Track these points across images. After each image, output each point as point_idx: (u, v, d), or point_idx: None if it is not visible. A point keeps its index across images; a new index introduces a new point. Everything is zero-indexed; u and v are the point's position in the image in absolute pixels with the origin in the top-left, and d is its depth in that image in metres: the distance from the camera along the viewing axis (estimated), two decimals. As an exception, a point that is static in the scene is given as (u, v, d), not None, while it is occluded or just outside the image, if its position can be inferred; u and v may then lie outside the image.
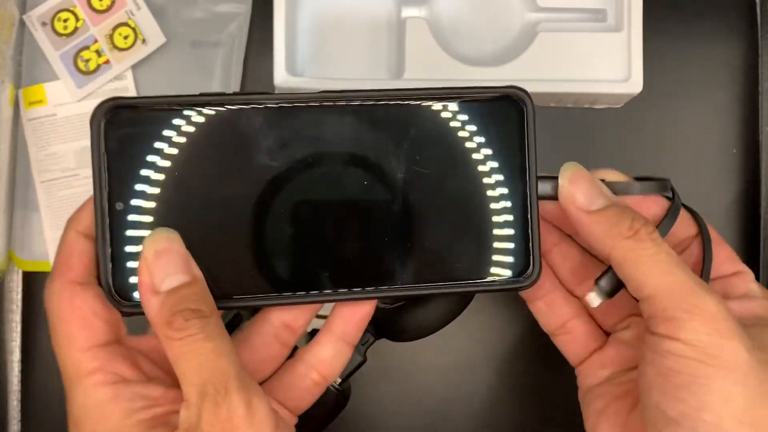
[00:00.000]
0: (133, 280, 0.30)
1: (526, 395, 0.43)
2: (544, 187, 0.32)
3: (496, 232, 0.32)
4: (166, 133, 0.30)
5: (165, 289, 0.29)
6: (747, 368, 0.29)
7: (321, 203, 0.32)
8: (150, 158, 0.30)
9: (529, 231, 0.32)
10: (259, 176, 0.31)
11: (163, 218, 0.30)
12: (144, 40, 0.48)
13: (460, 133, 0.32)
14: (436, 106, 0.31)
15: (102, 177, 0.30)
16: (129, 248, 0.30)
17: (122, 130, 0.30)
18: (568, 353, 0.37)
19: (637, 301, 0.31)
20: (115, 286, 0.30)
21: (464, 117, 0.32)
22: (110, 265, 0.30)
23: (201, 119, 0.30)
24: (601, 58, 0.45)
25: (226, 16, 0.48)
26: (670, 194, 0.35)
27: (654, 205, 0.34)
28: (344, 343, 0.33)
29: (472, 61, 0.45)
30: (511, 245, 0.32)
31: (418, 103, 0.31)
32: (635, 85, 0.45)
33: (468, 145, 0.32)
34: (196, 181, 0.31)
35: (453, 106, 0.32)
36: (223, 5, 0.48)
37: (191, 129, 0.30)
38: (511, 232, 0.32)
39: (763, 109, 0.50)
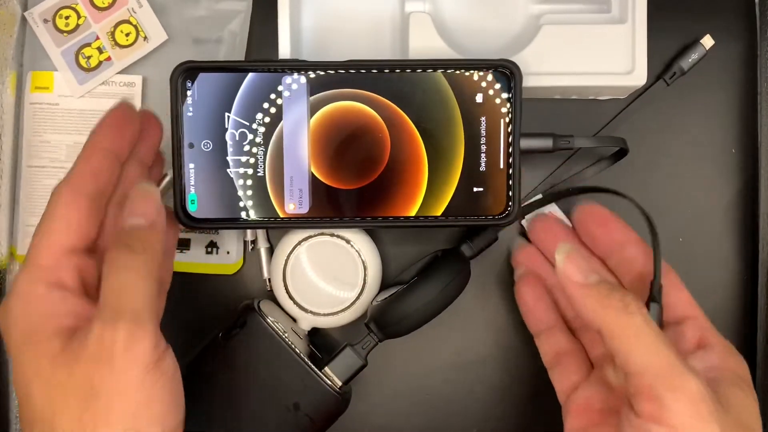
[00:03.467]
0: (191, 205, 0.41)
1: (528, 395, 0.43)
2: (531, 143, 0.41)
3: (485, 177, 0.41)
4: (226, 88, 0.41)
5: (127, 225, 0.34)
6: None
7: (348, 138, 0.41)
8: (213, 106, 0.41)
9: (512, 177, 0.40)
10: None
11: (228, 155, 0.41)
12: (146, 38, 0.48)
13: (465, 93, 0.41)
14: (448, 72, 0.41)
15: (180, 122, 0.41)
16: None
17: (195, 86, 0.41)
18: (557, 385, 0.41)
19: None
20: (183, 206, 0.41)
21: (469, 80, 0.42)
22: (183, 191, 0.40)
23: (250, 77, 0.41)
24: (605, 50, 0.45)
25: (227, 14, 0.48)
26: (623, 147, 0.43)
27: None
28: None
29: (476, 55, 0.45)
30: (496, 189, 0.41)
31: (432, 70, 0.41)
32: (639, 77, 0.45)
33: (469, 103, 0.41)
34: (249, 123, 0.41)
35: (460, 72, 0.41)
36: (224, 2, 0.48)
37: (244, 84, 0.41)
38: (497, 177, 0.41)
39: (763, 109, 0.50)
